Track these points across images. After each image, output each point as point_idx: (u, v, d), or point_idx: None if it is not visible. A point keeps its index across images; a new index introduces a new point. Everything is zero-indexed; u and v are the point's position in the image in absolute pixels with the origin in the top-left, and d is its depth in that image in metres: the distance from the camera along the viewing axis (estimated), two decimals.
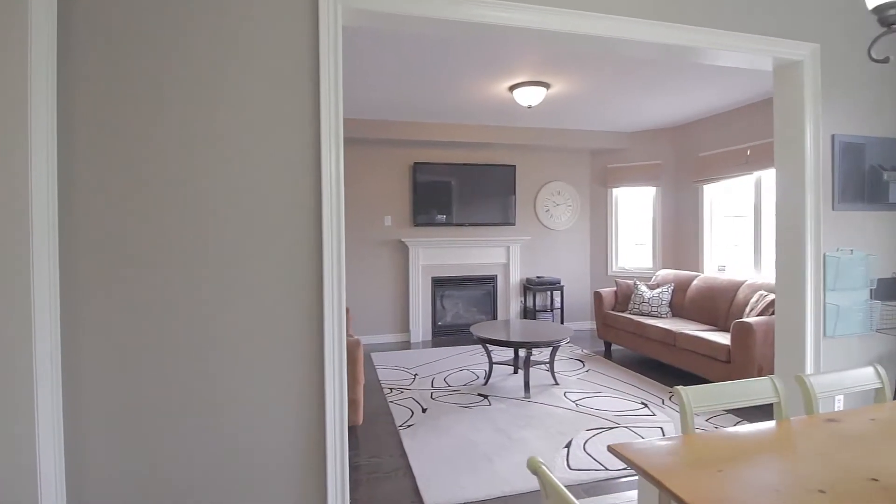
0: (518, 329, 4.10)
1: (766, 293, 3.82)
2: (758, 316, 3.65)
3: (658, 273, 5.33)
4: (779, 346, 2.62)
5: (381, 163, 5.61)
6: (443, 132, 5.39)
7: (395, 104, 4.64)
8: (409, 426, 3.19)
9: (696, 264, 5.46)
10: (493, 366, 4.19)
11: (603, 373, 4.33)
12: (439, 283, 5.80)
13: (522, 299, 6.08)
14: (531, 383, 3.99)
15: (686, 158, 5.58)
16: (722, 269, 5.24)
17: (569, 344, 5.41)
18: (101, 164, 1.72)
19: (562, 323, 5.96)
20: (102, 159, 1.72)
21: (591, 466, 2.61)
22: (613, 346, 5.28)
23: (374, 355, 5.05)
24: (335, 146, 1.91)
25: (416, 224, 5.64)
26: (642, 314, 4.85)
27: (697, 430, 1.44)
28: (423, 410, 3.48)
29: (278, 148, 1.88)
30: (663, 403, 3.56)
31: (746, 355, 3.43)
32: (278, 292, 1.90)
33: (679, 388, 1.49)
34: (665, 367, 4.53)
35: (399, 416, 3.37)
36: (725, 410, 3.34)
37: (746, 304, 4.05)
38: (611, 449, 1.30)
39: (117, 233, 1.74)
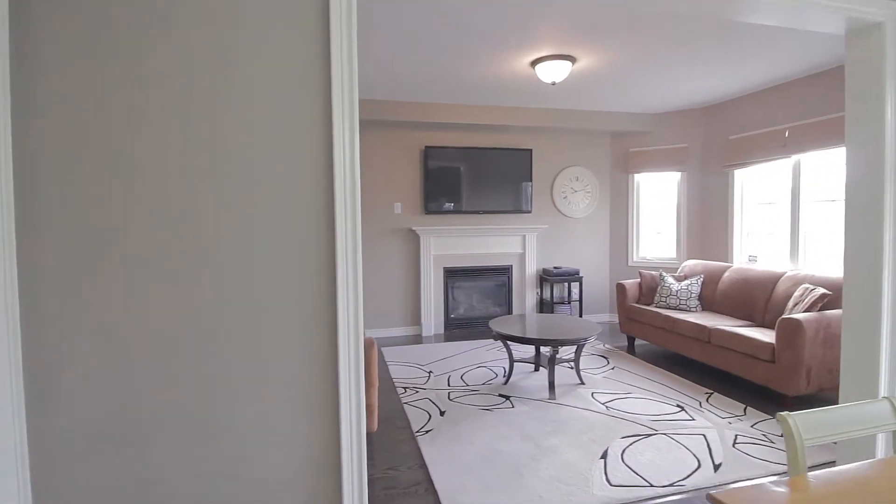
0: (540, 325, 3.82)
1: (811, 286, 3.51)
2: (805, 312, 3.35)
3: (685, 264, 5.02)
4: (846, 349, 2.32)
5: (390, 146, 5.29)
6: (456, 114, 5.06)
7: (406, 83, 4.31)
8: (426, 432, 2.93)
9: (725, 254, 5.15)
10: (514, 363, 3.92)
11: (630, 371, 4.05)
12: (452, 274, 5.52)
13: (539, 291, 5.79)
14: (555, 382, 3.72)
15: (715, 141, 5.24)
16: (753, 259, 4.93)
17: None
18: (71, 157, 1.43)
19: (580, 316, 5.67)
20: (73, 151, 1.43)
21: (633, 482, 2.34)
22: (637, 342, 5.00)
23: (385, 350, 4.79)
24: (349, 126, 1.61)
25: (428, 212, 5.34)
26: (669, 308, 4.56)
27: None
28: (441, 413, 3.21)
29: (283, 132, 1.58)
30: (701, 406, 3.29)
31: (794, 355, 3.13)
32: (285, 294, 1.62)
33: (784, 414, 1.19)
34: (696, 364, 4.25)
35: (416, 419, 3.11)
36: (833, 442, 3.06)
37: (788, 299, 3.75)
38: (711, 498, 1.02)
39: (95, 229, 1.46)
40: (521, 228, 5.59)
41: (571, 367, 4.05)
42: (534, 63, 3.78)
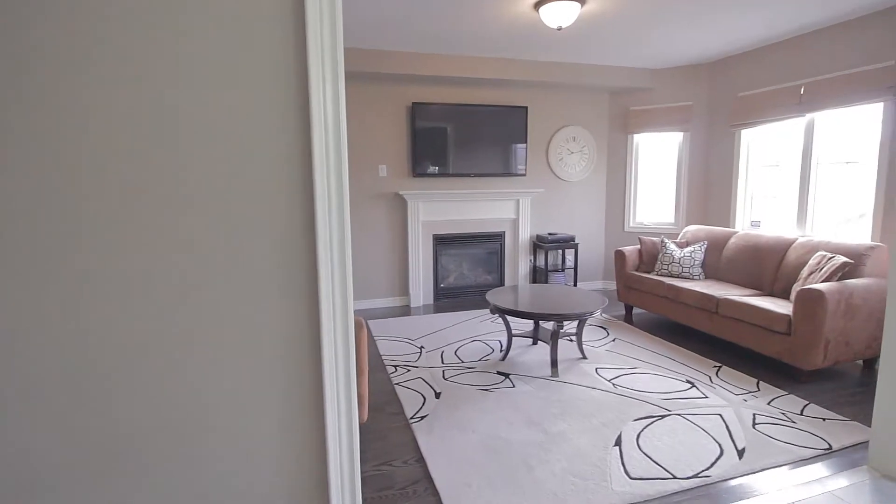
0: (540, 297, 3.55)
1: (829, 254, 3.30)
2: (825, 282, 3.14)
3: (686, 229, 4.78)
4: (889, 324, 2.10)
5: (374, 103, 4.82)
6: (447, 66, 4.60)
7: (392, 29, 3.82)
8: (422, 418, 2.66)
9: (727, 220, 4.93)
10: (512, 338, 3.66)
11: (633, 343, 3.85)
12: (441, 242, 5.19)
13: (532, 258, 5.52)
14: (557, 359, 3.50)
15: (722, 99, 4.91)
16: (756, 224, 4.72)
17: None
18: None
19: (575, 284, 5.44)
20: None
21: (654, 473, 2.13)
22: (635, 310, 4.80)
23: (372, 324, 4.49)
24: (331, 75, 1.23)
25: (416, 174, 4.95)
26: (672, 276, 4.34)
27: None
28: (437, 395, 2.95)
29: (243, 78, 1.20)
30: (711, 381, 3.10)
31: (813, 328, 2.94)
32: (252, 275, 1.27)
33: None
34: (699, 335, 4.07)
35: (409, 403, 2.84)
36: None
37: (801, 267, 3.54)
38: None
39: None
40: (515, 192, 5.26)
41: (572, 341, 3.83)
42: (537, 5, 3.34)
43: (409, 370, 3.36)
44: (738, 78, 4.72)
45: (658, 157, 5.46)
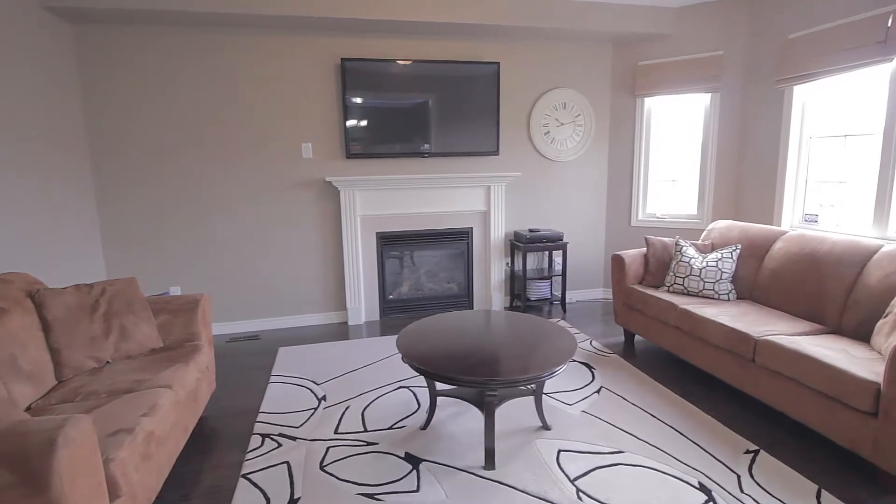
0: (482, 340, 2.38)
1: None
2: None
3: (712, 226, 3.50)
4: None
5: (292, 58, 3.66)
6: (386, 6, 3.39)
7: None
8: None
9: (770, 213, 3.61)
10: (438, 397, 2.50)
11: (626, 397, 2.65)
12: (388, 242, 4.04)
13: (509, 261, 4.32)
14: (503, 429, 2.35)
15: (765, 44, 3.55)
16: (811, 219, 3.40)
17: (571, 329, 3.71)
18: None
19: (562, 296, 4.21)
20: None
21: None
22: (638, 337, 3.58)
23: (283, 351, 3.42)
24: None
25: (350, 155, 3.79)
26: (689, 294, 3.09)
27: None
28: (295, 502, 1.86)
29: None
30: (741, 486, 1.90)
31: None
32: None
33: None
34: (728, 388, 2.83)
35: None
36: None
37: (892, 292, 2.26)
38: None
39: None
40: (485, 177, 4.04)
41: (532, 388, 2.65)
42: None
43: (279, 446, 2.27)
44: (788, 13, 3.36)
45: (677, 127, 4.14)
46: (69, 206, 3.18)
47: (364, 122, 3.74)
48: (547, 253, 4.37)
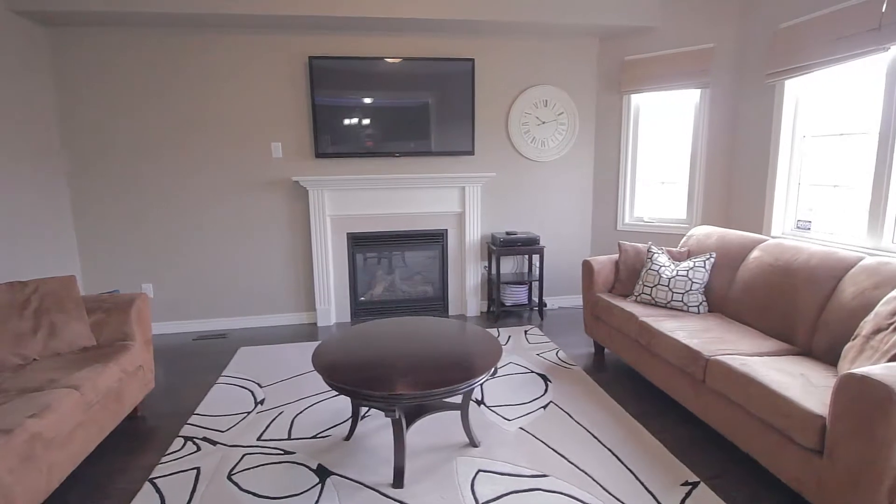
0: (398, 349, 2.26)
1: None
2: None
3: (692, 232, 3.25)
4: None
5: (261, 57, 3.63)
6: (354, 2, 3.31)
7: None
8: None
9: (760, 217, 3.33)
10: (360, 412, 2.39)
11: (574, 415, 2.47)
12: (359, 243, 3.96)
13: (487, 265, 4.17)
14: (429, 443, 2.22)
15: (757, 36, 3.27)
16: (804, 226, 3.11)
17: (541, 338, 3.53)
18: None
19: (539, 300, 4.02)
20: None
21: None
22: (608, 351, 3.37)
23: (241, 351, 3.39)
24: None
25: (319, 154, 3.73)
26: (656, 304, 2.88)
27: None
28: None
29: None
30: None
31: (868, 451, 1.46)
32: None
33: None
34: (682, 410, 2.60)
35: None
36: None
37: (865, 311, 2.01)
38: None
39: None
40: (459, 177, 3.91)
41: (480, 403, 2.52)
42: None
43: (198, 450, 2.22)
44: (780, 2, 3.07)
45: (666, 126, 3.89)
46: (44, 209, 3.24)
47: (333, 121, 3.68)
48: (527, 257, 4.19)
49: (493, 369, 2.01)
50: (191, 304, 3.83)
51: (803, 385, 1.83)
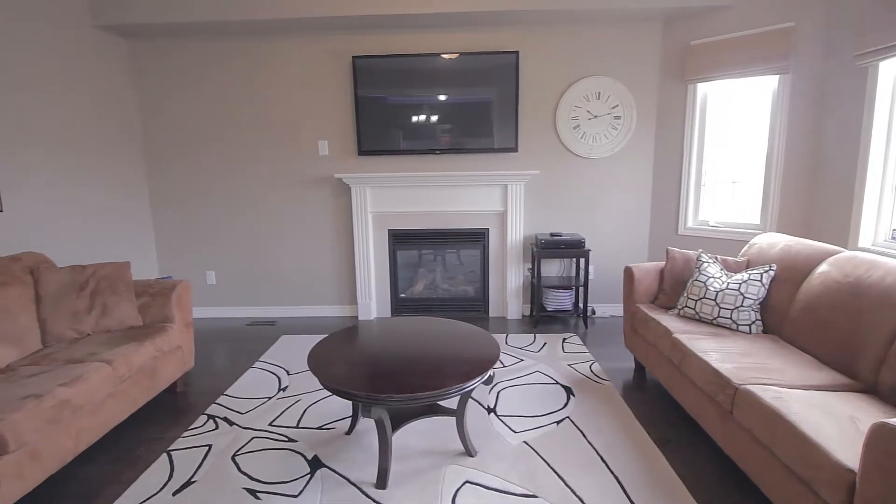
0: (395, 352, 2.23)
1: None
2: None
3: (756, 240, 2.85)
4: None
5: (309, 59, 3.79)
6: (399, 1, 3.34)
7: None
8: None
9: (847, 226, 2.83)
10: (360, 410, 2.40)
11: (586, 433, 2.28)
12: (400, 240, 4.00)
13: (531, 267, 4.01)
14: (424, 446, 2.18)
15: (846, 13, 2.77)
16: None
17: (579, 347, 3.31)
18: None
19: (584, 309, 3.77)
20: None
21: None
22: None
23: (283, 339, 3.60)
24: None
25: (362, 152, 3.82)
26: (700, 320, 2.56)
27: None
28: (177, 491, 1.93)
29: None
30: None
31: None
32: None
33: None
34: (709, 442, 2.28)
35: (134, 491, 1.88)
36: None
37: None
38: None
39: None
40: (501, 175, 3.78)
41: (490, 412, 2.43)
42: None
43: (215, 428, 2.39)
44: None
45: (738, 119, 3.44)
46: (128, 206, 3.68)
47: (375, 119, 3.74)
48: (575, 261, 3.95)
49: (481, 376, 1.91)
50: (246, 292, 4.14)
51: (846, 430, 1.52)
